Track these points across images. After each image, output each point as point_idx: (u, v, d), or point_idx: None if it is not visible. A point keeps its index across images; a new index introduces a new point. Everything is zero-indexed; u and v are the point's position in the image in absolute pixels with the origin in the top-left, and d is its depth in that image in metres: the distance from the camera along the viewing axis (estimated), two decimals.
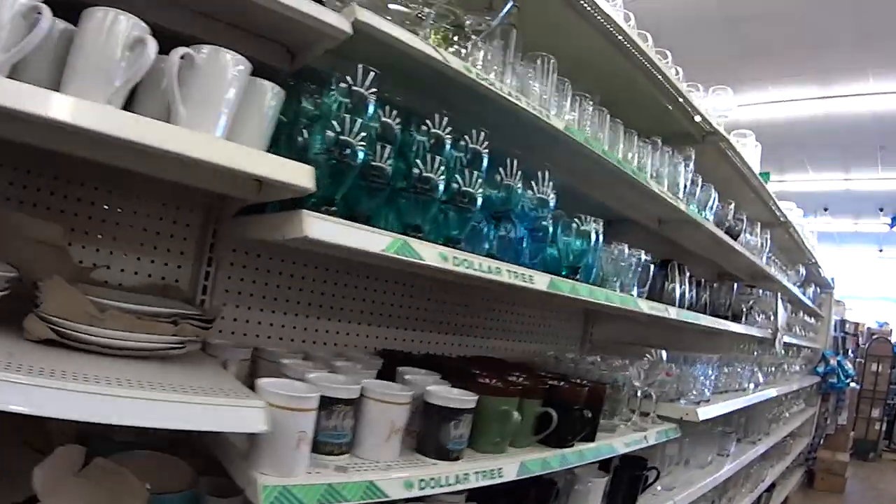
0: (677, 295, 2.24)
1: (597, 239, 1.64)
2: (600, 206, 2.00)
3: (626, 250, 1.85)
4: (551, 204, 1.55)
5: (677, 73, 2.14)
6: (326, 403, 1.13)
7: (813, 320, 6.05)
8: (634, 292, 1.88)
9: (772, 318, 3.56)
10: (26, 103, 0.79)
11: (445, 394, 1.29)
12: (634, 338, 2.63)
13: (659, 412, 2.11)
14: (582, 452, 1.59)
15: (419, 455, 1.26)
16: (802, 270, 4.80)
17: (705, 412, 2.19)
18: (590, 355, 2.18)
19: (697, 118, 2.26)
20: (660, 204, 2.09)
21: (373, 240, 1.08)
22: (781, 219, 3.64)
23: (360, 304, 1.75)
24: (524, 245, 1.53)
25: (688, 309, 2.29)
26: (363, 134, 1.10)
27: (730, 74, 4.62)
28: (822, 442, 6.79)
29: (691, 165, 2.29)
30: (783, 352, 4.25)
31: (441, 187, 1.23)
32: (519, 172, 1.49)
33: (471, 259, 1.23)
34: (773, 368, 4.03)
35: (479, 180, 1.29)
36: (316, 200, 1.10)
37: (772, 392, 3.52)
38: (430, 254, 1.15)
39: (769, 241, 3.39)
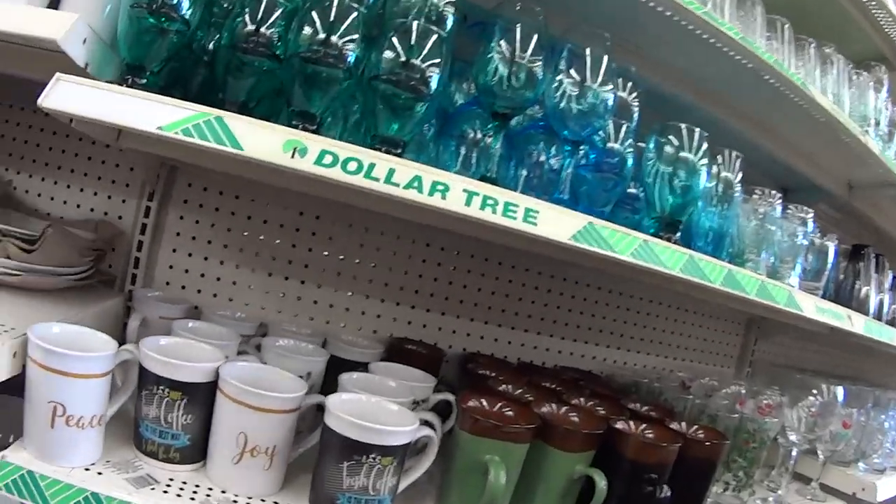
0: (872, 300, 1.42)
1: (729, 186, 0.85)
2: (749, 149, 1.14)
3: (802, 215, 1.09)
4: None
5: None
6: (144, 380, 0.75)
7: None
8: (794, 281, 1.08)
9: None
10: None
11: (357, 410, 0.74)
12: (793, 358, 1.86)
13: (824, 479, 1.32)
14: None
15: None
16: None
17: (889, 487, 1.36)
18: (738, 381, 1.37)
19: None
20: (846, 151, 1.26)
21: (146, 112, 0.67)
22: None
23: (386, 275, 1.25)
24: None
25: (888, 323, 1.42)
26: None
27: None
28: None
29: (883, 92, 1.38)
30: None
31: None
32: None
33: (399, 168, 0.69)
34: None
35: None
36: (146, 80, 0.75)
37: None
38: (265, 141, 0.67)
39: None
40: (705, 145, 0.88)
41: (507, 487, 0.78)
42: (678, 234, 0.88)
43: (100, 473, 0.71)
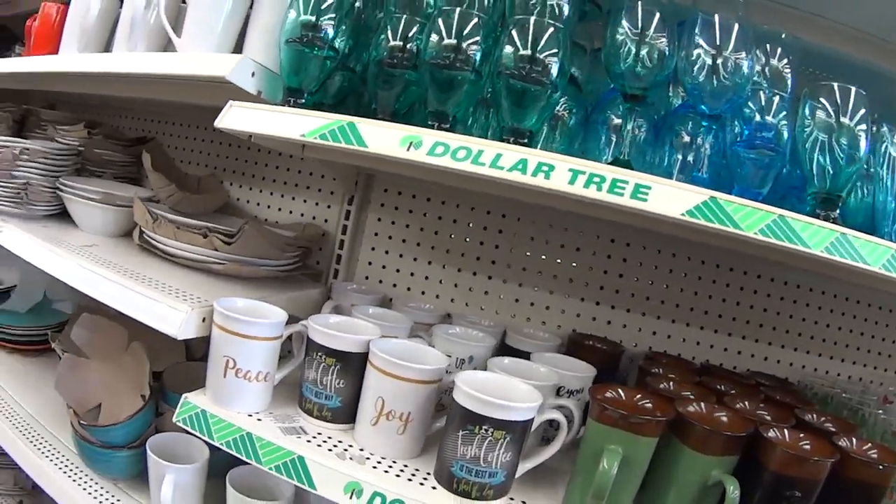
0: None
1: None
2: None
3: None
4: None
5: None
6: (308, 348, 0.88)
7: None
8: None
9: None
10: None
11: (483, 386, 0.78)
12: None
13: None
14: None
15: (429, 477, 0.81)
16: None
17: None
18: None
19: None
20: None
21: (292, 123, 0.80)
22: None
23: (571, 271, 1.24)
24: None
25: None
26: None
27: None
28: None
29: None
30: None
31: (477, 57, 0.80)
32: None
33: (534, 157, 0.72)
34: None
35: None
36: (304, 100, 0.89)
37: None
38: (385, 139, 0.76)
39: None
40: (864, 109, 0.76)
41: (628, 481, 0.76)
42: (836, 212, 0.77)
43: (259, 420, 0.85)
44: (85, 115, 1.53)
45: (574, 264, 1.22)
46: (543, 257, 1.22)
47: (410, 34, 0.86)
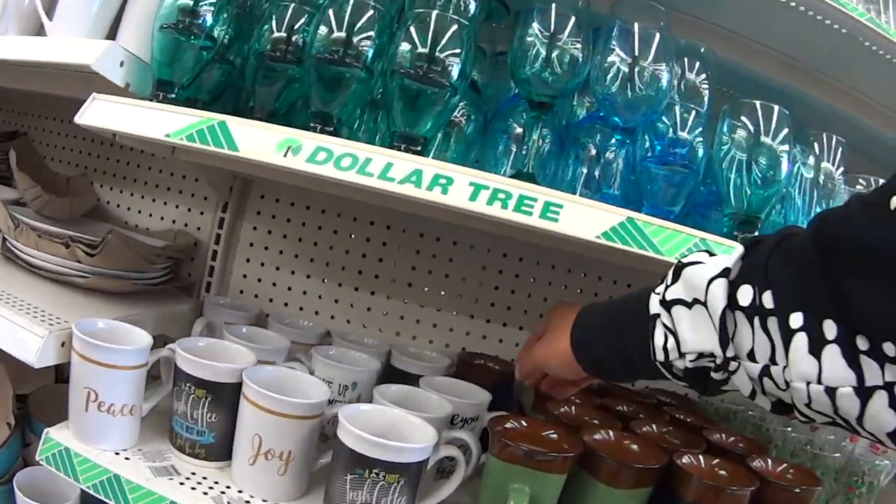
0: None
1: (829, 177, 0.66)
2: None
3: None
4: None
5: None
6: (176, 377, 0.72)
7: None
8: None
9: None
10: None
11: (370, 423, 0.65)
12: None
13: None
14: None
15: None
16: None
17: None
18: None
19: None
20: None
21: (157, 121, 0.64)
22: None
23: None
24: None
25: None
26: None
27: None
28: None
29: None
30: None
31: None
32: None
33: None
34: None
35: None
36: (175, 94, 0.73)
37: None
38: (260, 142, 0.61)
39: None
40: (786, 129, 0.67)
41: None
42: (755, 234, 0.68)
43: (127, 459, 0.71)
44: None
45: (463, 279, 1.10)
46: (430, 272, 1.09)
47: (297, 25, 0.72)
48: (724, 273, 0.41)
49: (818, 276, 0.35)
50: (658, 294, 0.46)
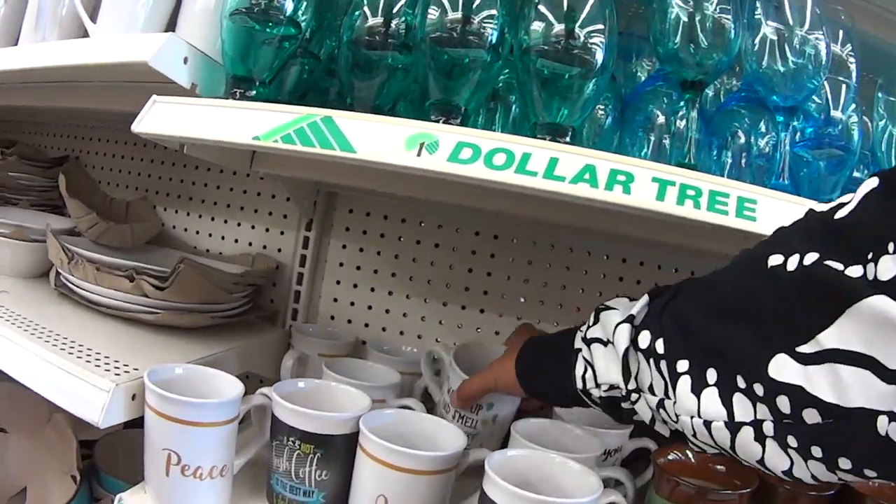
0: None
1: None
2: None
3: None
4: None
5: None
6: (274, 429, 0.54)
7: None
8: None
9: None
10: None
11: (535, 469, 0.48)
12: None
13: None
14: None
15: None
16: None
17: None
18: None
19: None
20: None
21: (241, 121, 0.45)
22: None
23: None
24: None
25: None
26: None
27: None
28: None
29: None
30: None
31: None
32: None
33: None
34: None
35: None
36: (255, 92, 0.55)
37: None
38: (383, 140, 0.43)
39: None
40: None
41: None
42: None
43: None
44: None
45: (582, 290, 0.84)
46: (545, 284, 0.85)
47: (396, 7, 0.53)
48: (629, 319, 0.43)
49: (698, 330, 0.38)
50: (581, 332, 0.49)
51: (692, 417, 0.37)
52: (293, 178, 0.82)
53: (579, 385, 0.47)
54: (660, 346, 0.40)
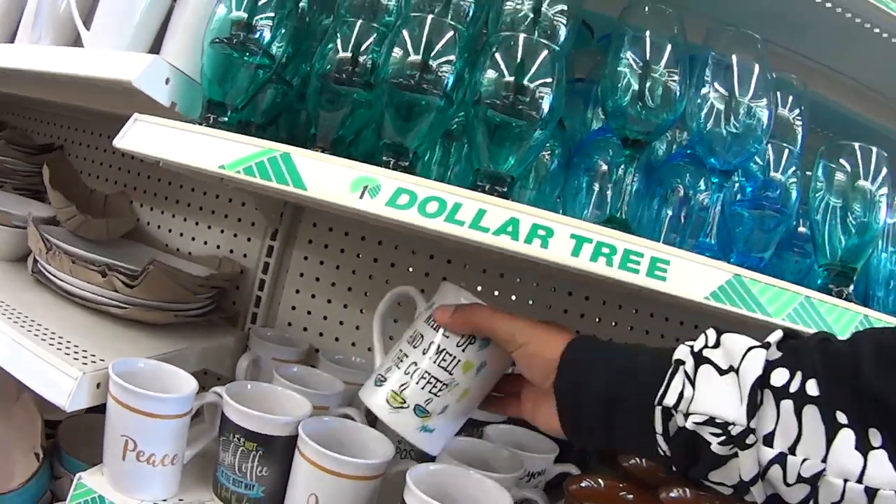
0: None
1: None
2: None
3: None
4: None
5: None
6: (225, 426, 0.60)
7: None
8: None
9: None
10: None
11: (449, 484, 0.54)
12: None
13: None
14: None
15: None
16: None
17: None
18: None
19: None
20: None
21: (210, 150, 0.51)
22: None
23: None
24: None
25: None
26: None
27: None
28: None
29: None
30: None
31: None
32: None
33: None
34: None
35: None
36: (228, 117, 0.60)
37: None
38: (332, 180, 0.48)
39: None
40: (885, 170, 0.55)
41: None
42: (851, 287, 0.56)
43: None
44: None
45: (532, 315, 0.90)
46: None
47: (365, 45, 0.59)
48: (765, 346, 0.37)
49: (865, 385, 0.32)
50: (689, 345, 0.41)
51: (846, 481, 0.31)
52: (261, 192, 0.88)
53: (669, 401, 0.38)
54: (812, 388, 0.33)
